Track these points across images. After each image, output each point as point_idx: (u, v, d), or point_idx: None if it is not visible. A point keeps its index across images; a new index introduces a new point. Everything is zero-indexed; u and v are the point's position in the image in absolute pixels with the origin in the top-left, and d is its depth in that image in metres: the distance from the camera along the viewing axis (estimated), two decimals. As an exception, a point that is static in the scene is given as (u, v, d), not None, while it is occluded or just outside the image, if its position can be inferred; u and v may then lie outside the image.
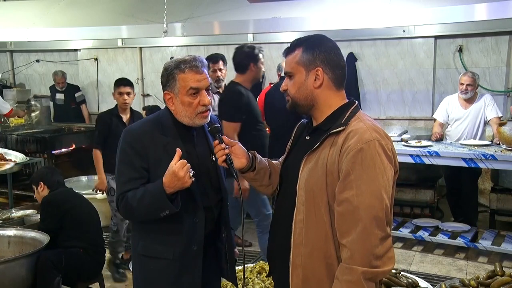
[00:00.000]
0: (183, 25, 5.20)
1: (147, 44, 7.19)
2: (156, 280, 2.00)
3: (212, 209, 2.04)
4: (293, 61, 1.68)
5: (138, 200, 1.88)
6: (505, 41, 5.48)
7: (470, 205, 5.01)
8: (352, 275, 1.49)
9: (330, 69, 1.65)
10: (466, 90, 4.80)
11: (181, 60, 1.94)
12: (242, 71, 3.72)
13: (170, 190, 1.82)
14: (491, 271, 3.23)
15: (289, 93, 1.71)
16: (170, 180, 1.81)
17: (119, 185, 1.97)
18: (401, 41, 5.90)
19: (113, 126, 4.06)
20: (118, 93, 4.12)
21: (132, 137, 1.97)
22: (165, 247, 1.97)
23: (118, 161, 1.98)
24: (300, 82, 1.67)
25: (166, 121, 1.99)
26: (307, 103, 1.68)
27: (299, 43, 1.69)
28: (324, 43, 1.68)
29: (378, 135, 1.58)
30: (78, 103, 7.37)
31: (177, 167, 1.79)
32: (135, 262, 2.10)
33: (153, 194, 1.85)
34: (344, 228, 1.54)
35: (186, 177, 1.80)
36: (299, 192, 1.64)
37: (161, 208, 1.85)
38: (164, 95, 1.99)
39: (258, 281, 3.15)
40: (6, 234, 3.50)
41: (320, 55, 1.65)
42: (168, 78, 1.94)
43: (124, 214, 2.01)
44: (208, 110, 1.96)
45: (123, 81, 4.22)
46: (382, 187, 1.53)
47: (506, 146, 4.40)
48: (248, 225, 5.37)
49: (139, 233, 2.06)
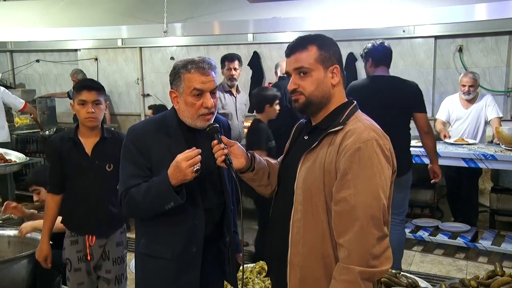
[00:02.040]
0: (183, 25, 5.20)
1: (147, 44, 7.19)
2: (155, 280, 2.00)
3: (213, 211, 2.02)
4: (310, 58, 1.64)
5: (143, 193, 1.87)
6: (505, 41, 5.48)
7: (470, 205, 5.01)
8: (349, 274, 1.49)
9: (341, 68, 1.68)
10: (468, 91, 4.81)
11: (190, 60, 1.94)
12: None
13: (174, 182, 1.80)
14: (491, 271, 3.22)
15: (303, 91, 1.66)
16: (172, 172, 1.80)
17: (122, 181, 1.96)
18: (401, 41, 5.90)
19: (64, 155, 2.59)
20: (79, 103, 2.55)
21: (135, 136, 1.97)
22: (164, 246, 1.96)
23: (121, 159, 1.99)
24: (319, 80, 1.64)
25: (171, 122, 1.98)
26: (323, 101, 1.66)
27: (310, 40, 1.67)
28: (334, 42, 1.70)
29: (376, 134, 1.58)
30: None
31: (180, 157, 1.79)
32: (137, 261, 2.10)
33: (158, 185, 1.84)
34: (341, 228, 1.53)
35: (188, 170, 1.78)
36: (297, 191, 1.64)
37: (166, 199, 1.83)
38: (170, 93, 1.99)
39: (258, 281, 3.15)
40: (6, 234, 3.50)
41: (336, 53, 1.67)
42: (175, 76, 1.94)
43: (127, 210, 1.96)
44: (211, 113, 1.93)
45: (86, 84, 2.60)
46: (379, 186, 1.53)
47: (506, 146, 4.40)
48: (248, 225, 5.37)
49: (140, 231, 2.07)
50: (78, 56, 7.81)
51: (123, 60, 7.50)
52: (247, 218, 5.53)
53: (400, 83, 3.61)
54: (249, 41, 6.56)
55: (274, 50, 6.41)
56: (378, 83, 3.58)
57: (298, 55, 1.66)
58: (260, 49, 6.53)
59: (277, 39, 6.25)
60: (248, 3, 4.81)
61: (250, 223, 5.42)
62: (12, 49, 8.23)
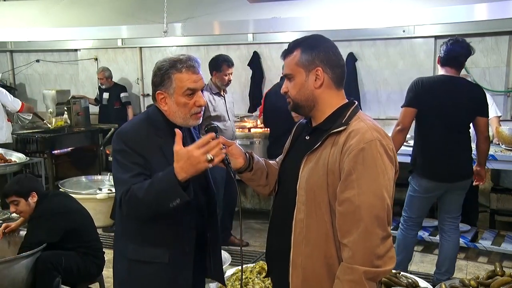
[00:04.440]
0: (183, 25, 5.20)
1: (147, 44, 7.18)
2: (150, 286, 1.93)
3: (202, 210, 2.02)
4: (292, 63, 1.67)
5: (146, 190, 1.74)
6: (505, 41, 5.48)
7: (470, 205, 5.00)
8: (353, 274, 1.50)
9: (329, 69, 1.65)
10: None
11: (176, 59, 1.90)
12: None
13: (181, 176, 1.68)
14: (491, 271, 3.23)
15: (290, 95, 1.70)
16: (182, 165, 1.67)
17: (121, 183, 1.84)
18: (401, 41, 5.89)
19: None
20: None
21: (127, 138, 1.89)
22: (160, 250, 1.90)
23: (116, 162, 1.89)
24: (300, 83, 1.67)
25: (159, 122, 1.94)
26: (308, 104, 1.68)
27: (296, 44, 1.69)
28: (322, 42, 1.68)
29: (379, 135, 1.58)
30: (124, 103, 7.01)
31: (192, 147, 1.68)
32: (122, 269, 1.99)
33: (162, 181, 1.72)
34: (346, 228, 1.54)
35: (202, 158, 1.66)
36: (300, 192, 1.64)
37: (172, 196, 1.71)
38: (156, 94, 1.93)
39: (258, 281, 3.15)
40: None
41: (319, 54, 1.65)
42: (163, 77, 1.90)
43: (127, 209, 1.81)
44: (202, 111, 1.95)
45: None
46: (383, 186, 1.53)
47: (506, 146, 4.40)
48: (248, 225, 5.38)
49: (128, 236, 1.96)
50: (78, 56, 7.80)
51: (123, 60, 7.49)
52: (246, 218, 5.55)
53: (469, 85, 3.55)
54: (249, 41, 6.55)
55: (274, 50, 6.39)
56: (453, 83, 3.43)
57: (286, 61, 1.71)
58: (260, 49, 6.52)
59: (277, 39, 6.24)
60: (248, 3, 4.81)
61: (250, 223, 5.43)
62: (12, 49, 8.22)
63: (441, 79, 3.46)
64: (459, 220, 3.68)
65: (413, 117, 3.44)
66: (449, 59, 3.42)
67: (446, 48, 3.44)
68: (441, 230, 3.68)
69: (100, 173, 6.55)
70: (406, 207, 3.66)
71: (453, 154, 3.42)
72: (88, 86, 7.72)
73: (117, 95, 7.03)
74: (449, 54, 3.42)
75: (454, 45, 3.43)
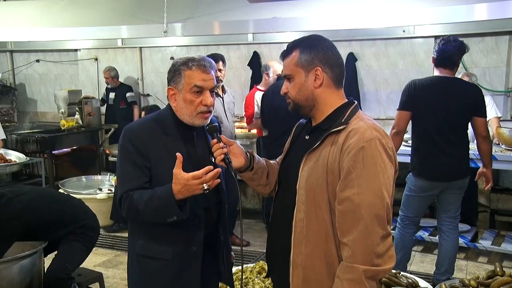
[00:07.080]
0: (183, 25, 5.20)
1: (147, 44, 7.18)
2: (155, 281, 1.98)
3: (211, 210, 2.03)
4: (291, 64, 1.68)
5: (145, 203, 1.84)
6: (505, 41, 5.48)
7: (470, 205, 5.00)
8: (353, 273, 1.50)
9: (329, 68, 1.66)
10: None
11: (190, 58, 1.95)
12: None
13: (179, 196, 1.78)
14: (491, 271, 3.22)
15: (290, 95, 1.71)
16: (179, 189, 1.77)
17: (122, 183, 1.93)
18: (401, 41, 5.89)
19: None
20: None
21: (133, 135, 1.94)
22: (164, 247, 1.95)
23: (119, 159, 1.95)
24: (300, 84, 1.67)
25: (167, 120, 1.97)
26: (308, 103, 1.68)
27: (295, 45, 1.69)
28: (321, 42, 1.68)
29: (379, 133, 1.58)
30: (129, 103, 6.99)
31: (189, 176, 1.75)
32: (133, 262, 2.07)
33: (161, 199, 1.81)
34: (345, 227, 1.54)
35: (198, 188, 1.76)
36: (299, 191, 1.64)
37: (169, 213, 1.81)
38: (167, 90, 1.98)
39: (258, 281, 3.15)
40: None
41: (318, 54, 1.65)
42: (175, 73, 1.94)
43: (127, 215, 1.92)
44: (209, 111, 1.95)
45: None
46: (383, 185, 1.53)
47: (506, 146, 4.40)
48: (248, 225, 5.38)
49: (138, 232, 2.04)
50: (78, 56, 7.80)
51: (123, 60, 7.50)
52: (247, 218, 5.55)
53: (464, 86, 3.52)
54: (249, 41, 6.55)
55: (274, 50, 6.40)
56: (446, 84, 3.42)
57: (285, 62, 1.71)
58: (260, 49, 6.52)
59: (277, 39, 6.24)
60: (248, 3, 4.81)
61: (250, 223, 5.43)
62: (12, 49, 8.23)
63: (434, 80, 3.47)
64: (458, 220, 3.68)
65: (407, 119, 3.46)
66: (442, 59, 3.43)
67: (438, 48, 3.44)
68: (440, 230, 3.69)
69: (100, 173, 6.55)
70: (402, 206, 3.68)
71: (448, 154, 3.42)
72: (88, 86, 7.72)
73: (123, 95, 7.01)
74: (441, 54, 3.43)
75: (445, 45, 3.43)
